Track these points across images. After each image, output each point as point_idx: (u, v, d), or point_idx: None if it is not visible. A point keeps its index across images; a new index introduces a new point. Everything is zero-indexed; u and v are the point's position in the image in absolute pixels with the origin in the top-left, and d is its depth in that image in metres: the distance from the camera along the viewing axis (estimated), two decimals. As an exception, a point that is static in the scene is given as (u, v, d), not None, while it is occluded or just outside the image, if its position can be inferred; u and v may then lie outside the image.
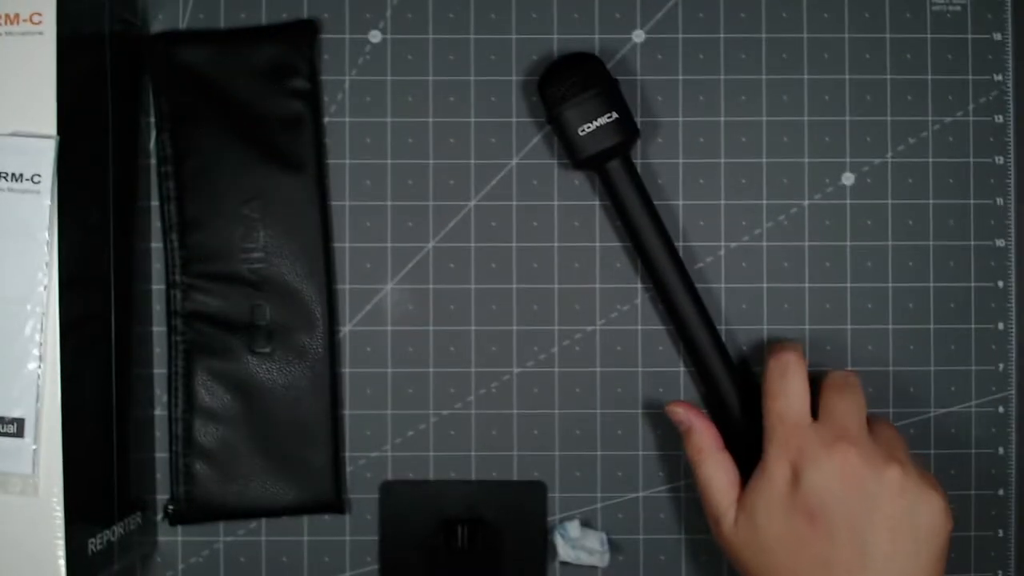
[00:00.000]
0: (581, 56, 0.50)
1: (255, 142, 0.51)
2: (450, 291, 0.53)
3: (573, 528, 0.51)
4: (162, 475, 0.53)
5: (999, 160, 0.54)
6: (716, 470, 0.47)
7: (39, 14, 0.43)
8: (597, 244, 0.53)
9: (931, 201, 0.54)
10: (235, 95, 0.51)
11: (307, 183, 0.52)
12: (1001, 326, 0.54)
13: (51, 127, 0.43)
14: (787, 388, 0.45)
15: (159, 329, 0.53)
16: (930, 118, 0.54)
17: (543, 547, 0.53)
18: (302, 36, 0.52)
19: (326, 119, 0.53)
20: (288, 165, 0.51)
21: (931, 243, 0.54)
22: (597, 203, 0.53)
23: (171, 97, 0.51)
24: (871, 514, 0.41)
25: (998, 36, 0.54)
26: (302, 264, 0.52)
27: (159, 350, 0.53)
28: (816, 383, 0.47)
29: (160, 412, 0.52)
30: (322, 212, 0.52)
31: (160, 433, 0.53)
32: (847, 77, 0.54)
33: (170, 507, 0.51)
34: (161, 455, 0.52)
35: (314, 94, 0.52)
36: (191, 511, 0.51)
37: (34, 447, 0.43)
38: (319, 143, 0.52)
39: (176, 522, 0.51)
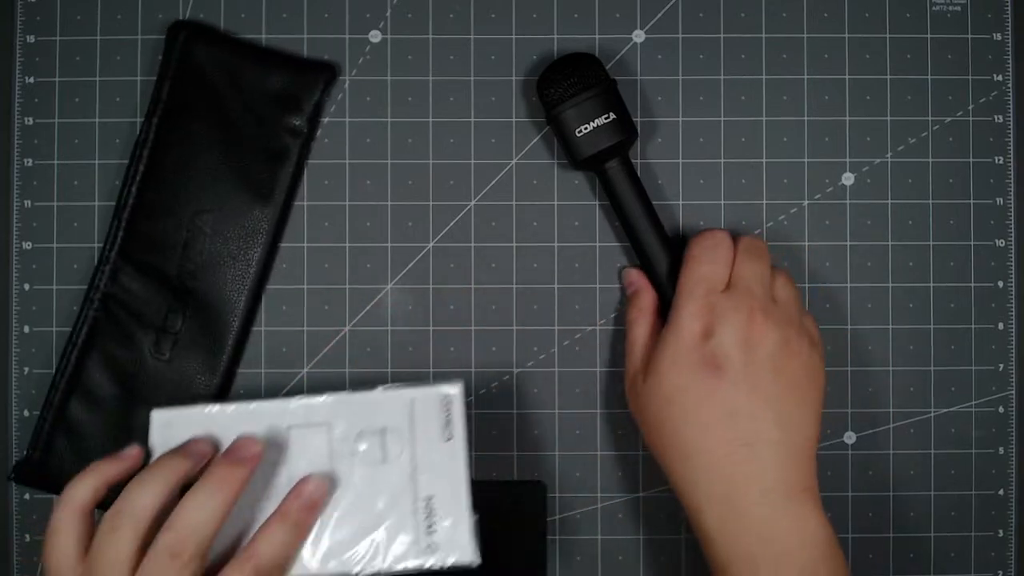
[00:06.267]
0: (580, 56, 0.50)
1: (234, 161, 0.51)
2: (450, 291, 0.53)
3: None
4: (23, 433, 0.53)
5: (999, 160, 0.54)
6: (647, 332, 0.49)
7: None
8: (597, 244, 0.53)
9: (931, 201, 0.54)
10: (233, 110, 0.51)
11: (267, 217, 0.52)
12: (1001, 326, 0.54)
13: None
14: (716, 257, 0.47)
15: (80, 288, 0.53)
16: (930, 118, 0.54)
17: (543, 547, 0.53)
18: (319, 76, 0.52)
19: (326, 119, 0.53)
20: (257, 194, 0.52)
21: (931, 243, 0.54)
22: (597, 203, 0.53)
23: (173, 87, 0.51)
24: (770, 369, 0.45)
25: (998, 36, 0.54)
26: (229, 293, 0.52)
27: (75, 308, 0.53)
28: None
29: (42, 371, 0.52)
30: (268, 250, 0.52)
31: (36, 392, 0.53)
32: (847, 77, 0.54)
33: (17, 468, 0.51)
34: (32, 412, 0.52)
35: (308, 137, 0.52)
36: (37, 478, 0.51)
37: None
38: (294, 183, 0.52)
39: (19, 481, 0.51)
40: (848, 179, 0.54)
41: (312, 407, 0.45)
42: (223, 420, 0.45)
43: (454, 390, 0.45)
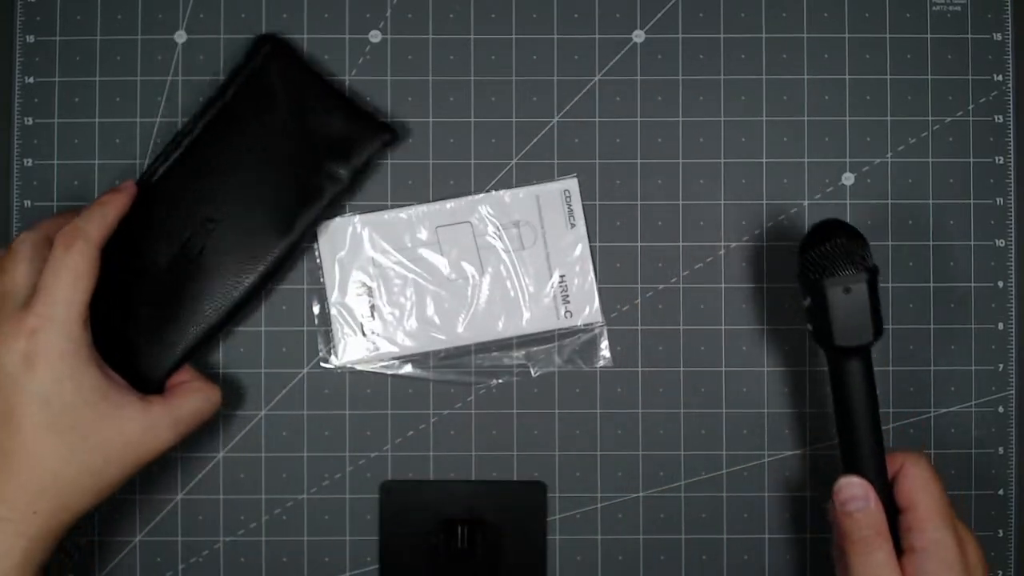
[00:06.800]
0: (851, 230, 0.46)
1: (266, 186, 0.50)
2: (450, 291, 0.53)
3: None
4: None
5: (999, 160, 0.54)
6: (892, 558, 0.43)
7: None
8: (597, 244, 0.53)
9: (931, 201, 0.54)
10: (284, 137, 0.51)
11: (273, 251, 0.50)
12: (1001, 326, 0.54)
13: None
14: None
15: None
16: (930, 118, 0.54)
17: (543, 547, 0.53)
18: (377, 137, 0.51)
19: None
20: (272, 225, 0.51)
21: (931, 243, 0.54)
22: (597, 203, 0.53)
23: (237, 93, 0.51)
24: None
25: (998, 36, 0.54)
26: (205, 305, 0.50)
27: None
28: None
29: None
30: (260, 281, 0.50)
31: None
32: (847, 77, 0.54)
33: None
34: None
35: (347, 188, 0.51)
36: None
37: None
38: (312, 227, 0.51)
39: None
40: (848, 179, 0.54)
41: (455, 209, 0.52)
42: (380, 225, 0.52)
43: (572, 183, 0.52)
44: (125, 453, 0.44)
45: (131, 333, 0.50)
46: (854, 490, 0.44)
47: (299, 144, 0.51)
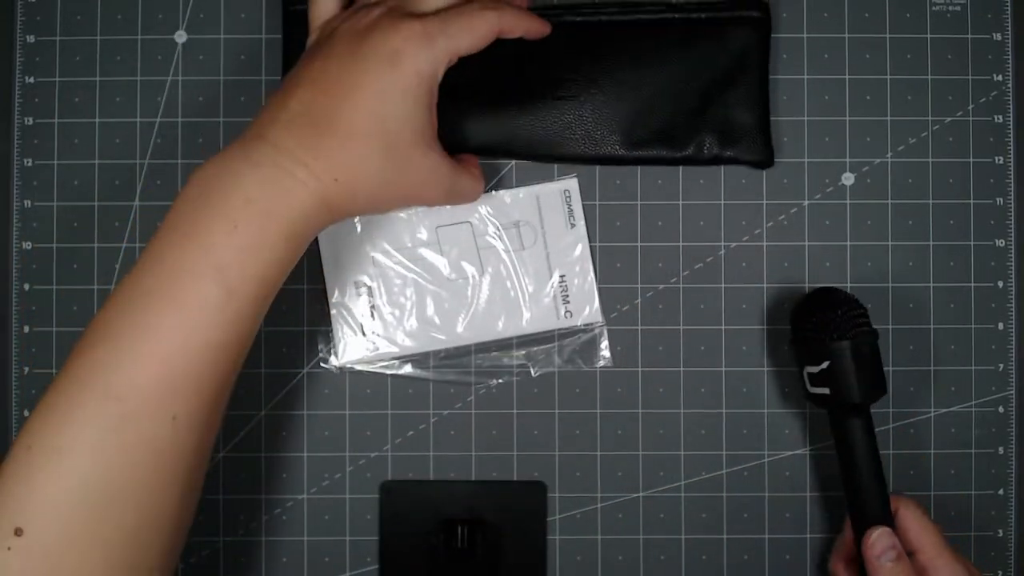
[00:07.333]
0: (851, 296, 0.49)
1: (653, 100, 0.52)
2: (450, 291, 0.53)
3: None
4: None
5: (999, 160, 0.54)
6: None
7: None
8: (597, 244, 0.53)
9: (931, 201, 0.54)
10: (701, 83, 0.52)
11: (618, 148, 0.52)
12: (1001, 326, 0.54)
13: None
14: None
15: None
16: (930, 118, 0.54)
17: (543, 547, 0.53)
18: (756, 154, 0.52)
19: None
20: (631, 133, 0.52)
21: (931, 243, 0.54)
22: (597, 203, 0.53)
23: (704, 21, 0.52)
24: None
25: (998, 36, 0.54)
26: (533, 134, 0.52)
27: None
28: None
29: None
30: (576, 159, 0.52)
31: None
32: (847, 77, 0.54)
33: None
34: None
35: (683, 162, 0.53)
36: None
37: None
38: (646, 162, 0.53)
39: None
40: (848, 179, 0.54)
41: (455, 209, 0.52)
42: (380, 225, 0.52)
43: (572, 183, 0.52)
44: (406, 190, 0.45)
45: (459, 99, 0.49)
46: (887, 540, 0.47)
47: (706, 99, 0.51)
